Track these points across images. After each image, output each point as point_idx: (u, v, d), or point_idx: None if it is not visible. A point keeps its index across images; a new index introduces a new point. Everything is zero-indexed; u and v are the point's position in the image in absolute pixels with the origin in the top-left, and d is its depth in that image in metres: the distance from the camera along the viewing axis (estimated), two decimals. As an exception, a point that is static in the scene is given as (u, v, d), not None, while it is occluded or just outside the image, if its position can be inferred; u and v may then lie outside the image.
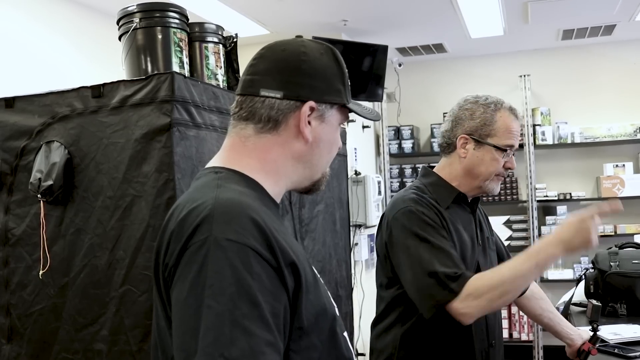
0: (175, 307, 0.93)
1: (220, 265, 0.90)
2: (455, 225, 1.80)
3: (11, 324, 2.05)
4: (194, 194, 1.03)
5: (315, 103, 1.10)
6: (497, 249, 2.04)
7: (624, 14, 4.82)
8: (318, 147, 1.13)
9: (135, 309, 1.86)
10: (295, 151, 1.11)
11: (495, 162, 1.81)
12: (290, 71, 1.10)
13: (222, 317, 0.87)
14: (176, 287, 0.94)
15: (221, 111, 2.10)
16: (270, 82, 1.09)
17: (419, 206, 1.75)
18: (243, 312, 0.88)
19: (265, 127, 1.09)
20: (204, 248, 0.91)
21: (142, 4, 2.09)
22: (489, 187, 1.84)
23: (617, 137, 5.58)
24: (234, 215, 0.95)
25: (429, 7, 4.50)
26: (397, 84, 5.83)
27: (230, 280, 0.89)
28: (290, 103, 1.09)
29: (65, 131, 1.99)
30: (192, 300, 0.90)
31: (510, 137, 1.82)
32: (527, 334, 5.64)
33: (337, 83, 1.14)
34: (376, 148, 6.03)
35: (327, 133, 1.13)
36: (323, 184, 1.20)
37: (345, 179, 3.30)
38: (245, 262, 0.91)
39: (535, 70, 5.80)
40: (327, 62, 1.13)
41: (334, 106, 1.14)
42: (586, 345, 2.03)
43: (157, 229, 1.83)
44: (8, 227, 2.07)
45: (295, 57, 1.11)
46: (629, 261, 2.77)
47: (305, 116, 1.09)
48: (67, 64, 3.85)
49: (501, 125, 1.82)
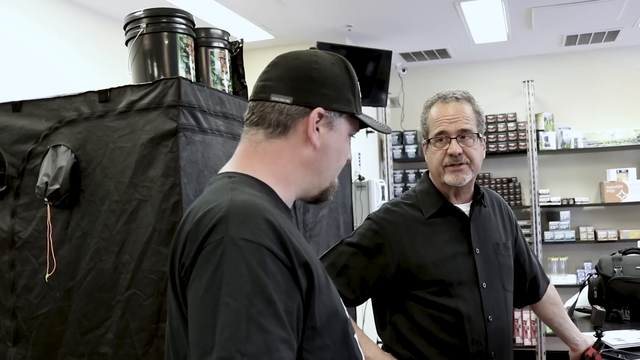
0: (192, 305, 0.95)
1: (236, 264, 0.92)
2: (431, 236, 1.79)
3: (17, 327, 2.06)
4: (209, 197, 1.06)
5: (324, 110, 1.12)
6: (519, 253, 1.98)
7: (628, 19, 4.83)
8: (326, 154, 1.15)
9: (140, 313, 1.86)
10: (304, 157, 1.13)
11: (433, 155, 1.81)
12: (301, 78, 1.13)
13: (239, 314, 0.89)
14: (192, 285, 0.96)
15: (227, 116, 2.11)
16: (282, 88, 1.12)
17: (376, 218, 1.84)
18: (258, 309, 0.90)
19: (274, 132, 1.12)
20: (220, 247, 0.94)
21: (149, 9, 2.10)
22: (447, 180, 1.79)
23: (621, 142, 5.59)
24: (249, 216, 0.97)
25: (433, 13, 4.51)
26: (400, 89, 5.84)
27: (246, 279, 0.91)
28: (299, 109, 1.11)
29: (72, 135, 2.00)
30: (209, 298, 0.92)
31: (436, 126, 1.79)
32: (531, 339, 5.63)
33: (347, 92, 1.16)
34: (380, 153, 6.04)
35: (335, 141, 1.16)
36: (331, 194, 1.21)
37: (349, 184, 3.30)
38: (260, 262, 0.93)
39: (539, 76, 5.80)
40: (337, 72, 1.16)
41: (343, 115, 1.16)
42: (590, 350, 2.03)
43: (162, 233, 1.84)
44: (15, 231, 2.08)
45: (307, 65, 1.14)
46: (633, 267, 2.77)
47: (313, 122, 1.12)
48: (74, 69, 3.87)
49: (430, 119, 1.83)
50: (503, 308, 1.83)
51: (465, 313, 1.74)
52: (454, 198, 1.85)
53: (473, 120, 1.80)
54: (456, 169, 1.77)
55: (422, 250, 1.77)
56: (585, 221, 5.80)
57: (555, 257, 5.73)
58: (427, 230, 1.80)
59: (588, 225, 5.70)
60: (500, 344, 1.81)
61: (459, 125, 1.77)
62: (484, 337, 1.76)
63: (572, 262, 5.73)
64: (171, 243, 1.10)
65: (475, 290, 1.77)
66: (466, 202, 1.86)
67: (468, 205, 1.86)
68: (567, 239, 5.66)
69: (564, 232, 5.67)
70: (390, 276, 1.77)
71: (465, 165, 1.78)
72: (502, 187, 5.84)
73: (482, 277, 1.79)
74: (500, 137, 5.85)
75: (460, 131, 1.77)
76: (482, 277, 1.79)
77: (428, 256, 1.76)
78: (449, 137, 1.77)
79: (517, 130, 5.83)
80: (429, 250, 1.78)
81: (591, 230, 5.65)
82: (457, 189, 1.83)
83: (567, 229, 5.68)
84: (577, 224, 5.78)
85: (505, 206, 2.00)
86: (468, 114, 1.79)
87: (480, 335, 1.76)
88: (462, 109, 1.79)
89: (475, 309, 1.76)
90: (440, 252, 1.77)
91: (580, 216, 5.82)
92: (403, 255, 1.77)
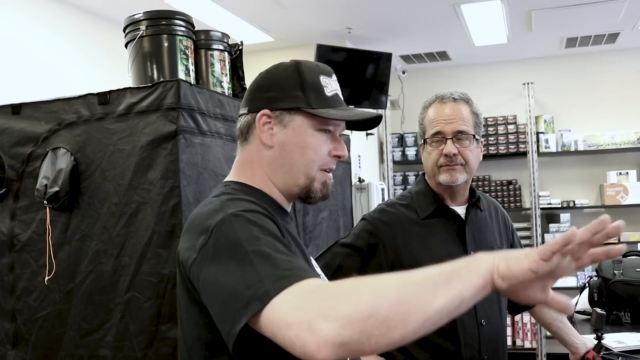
0: (221, 273, 1.00)
1: (244, 225, 1.03)
2: (426, 237, 1.78)
3: (16, 329, 2.05)
4: (203, 203, 1.19)
5: (269, 110, 1.22)
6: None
7: (628, 22, 4.83)
8: (284, 150, 1.22)
9: (140, 315, 1.86)
10: (268, 158, 1.23)
11: (429, 155, 1.81)
12: (252, 89, 1.27)
13: (267, 251, 0.98)
14: (213, 263, 1.02)
15: (226, 118, 2.11)
16: (244, 102, 1.28)
17: (371, 218, 1.85)
18: (279, 246, 1.01)
19: (242, 141, 1.27)
20: (225, 223, 1.04)
21: (149, 11, 2.10)
22: (441, 179, 1.79)
23: (621, 144, 5.59)
24: (241, 203, 1.11)
25: (433, 15, 4.51)
26: (400, 92, 5.84)
27: (257, 231, 1.03)
28: (253, 115, 1.24)
29: (71, 138, 2.00)
30: (236, 257, 0.99)
31: (433, 126, 1.79)
32: (531, 341, 5.63)
33: (294, 91, 1.22)
34: (380, 155, 6.04)
35: (292, 137, 1.22)
36: (320, 192, 1.25)
37: (349, 186, 3.30)
38: (261, 220, 1.06)
39: (539, 78, 5.80)
40: (286, 75, 1.24)
41: (292, 111, 1.22)
42: (590, 353, 2.03)
43: (162, 235, 1.84)
44: (14, 233, 2.08)
45: (260, 76, 1.27)
46: (633, 269, 2.77)
47: (259, 123, 1.22)
48: (74, 71, 3.87)
49: (427, 119, 1.83)
50: (497, 312, 1.82)
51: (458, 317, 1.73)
52: (449, 200, 1.84)
53: (470, 121, 1.79)
54: (450, 168, 1.77)
55: (416, 251, 1.76)
56: (586, 223, 5.70)
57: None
58: (422, 231, 1.80)
59: (588, 228, 5.69)
60: (493, 348, 1.80)
61: (456, 126, 1.76)
62: (477, 341, 1.75)
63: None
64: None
65: None
66: (462, 204, 1.86)
67: (464, 208, 1.85)
68: (568, 241, 5.64)
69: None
70: None
71: (459, 165, 1.77)
72: (502, 189, 5.84)
73: None
74: (501, 140, 5.85)
75: (457, 132, 1.76)
76: None
77: (422, 257, 1.74)
78: (445, 138, 1.77)
79: (517, 132, 5.82)
80: (424, 251, 1.76)
81: (591, 233, 5.63)
82: (452, 191, 1.82)
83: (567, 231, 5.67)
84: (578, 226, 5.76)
85: (502, 212, 2.00)
86: (465, 115, 1.78)
87: (474, 339, 1.75)
88: (459, 109, 1.79)
89: (468, 313, 1.73)
90: (434, 253, 1.75)
91: (580, 218, 5.82)
92: (397, 255, 1.77)
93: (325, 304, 0.87)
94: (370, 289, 0.88)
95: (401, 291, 0.87)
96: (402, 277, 0.90)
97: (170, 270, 1.81)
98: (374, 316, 0.84)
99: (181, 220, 1.81)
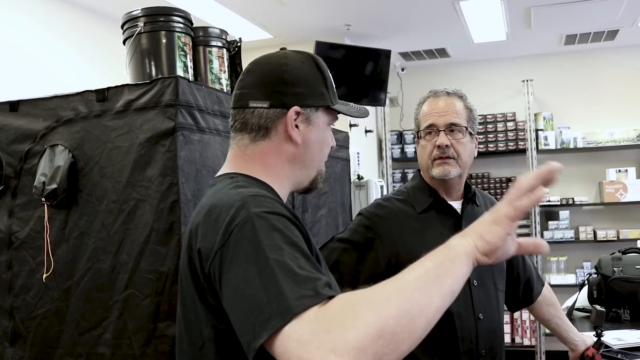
0: (239, 282, 0.96)
1: (267, 230, 0.99)
2: (422, 231, 1.78)
3: (14, 327, 2.05)
4: (217, 195, 1.12)
5: (300, 108, 1.20)
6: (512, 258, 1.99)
7: (627, 19, 4.82)
8: (309, 147, 1.23)
9: (138, 313, 1.86)
10: (289, 154, 1.22)
11: (423, 149, 1.81)
12: (274, 82, 1.21)
13: (290, 264, 0.94)
14: (233, 266, 0.98)
15: (225, 115, 2.10)
16: (258, 94, 1.21)
17: (367, 213, 1.85)
18: (302, 261, 0.96)
19: (258, 135, 1.21)
20: (248, 223, 1.00)
21: (147, 8, 2.10)
22: (434, 172, 1.79)
23: (620, 142, 5.59)
24: (263, 200, 1.06)
25: (432, 12, 4.51)
26: (399, 89, 5.84)
27: (280, 239, 0.98)
28: (277, 111, 1.20)
29: (69, 135, 1.99)
30: (257, 263, 0.95)
31: (427, 119, 1.81)
32: (530, 338, 5.63)
33: (320, 87, 1.23)
34: (379, 152, 6.03)
35: (315, 134, 1.23)
36: (320, 182, 1.29)
37: (348, 184, 3.30)
38: (285, 225, 1.01)
39: (538, 75, 5.80)
40: (308, 69, 1.23)
41: (319, 109, 1.23)
42: (590, 350, 2.02)
43: (160, 232, 1.83)
44: (12, 231, 2.07)
45: (278, 68, 1.21)
46: (632, 266, 2.77)
47: (291, 121, 1.20)
48: (71, 68, 3.86)
49: (421, 113, 1.85)
50: (494, 307, 1.82)
51: (455, 310, 1.72)
52: (445, 195, 1.84)
53: (463, 115, 1.80)
54: (443, 162, 1.78)
55: (413, 245, 1.75)
56: (585, 221, 5.80)
57: (555, 257, 5.72)
58: (418, 225, 1.80)
59: (587, 225, 5.70)
60: (491, 342, 1.80)
61: (448, 118, 1.78)
62: (475, 335, 1.75)
63: (572, 262, 5.73)
64: (184, 241, 1.14)
65: (466, 287, 1.74)
66: (457, 200, 1.86)
67: (459, 203, 1.86)
68: (567, 238, 5.66)
69: (563, 232, 5.67)
70: (382, 271, 1.76)
71: (452, 159, 1.78)
72: (502, 186, 5.84)
73: (473, 275, 1.76)
74: (500, 137, 5.85)
75: (449, 124, 1.77)
76: (473, 275, 1.76)
77: (419, 251, 1.73)
78: (438, 130, 1.78)
79: (516, 129, 5.82)
80: (420, 244, 1.74)
81: (590, 230, 5.65)
82: (447, 186, 1.82)
83: (566, 229, 5.68)
84: (577, 223, 5.78)
85: None
86: (458, 109, 1.80)
87: (471, 333, 1.75)
88: (452, 103, 1.81)
89: (465, 307, 1.74)
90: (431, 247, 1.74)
91: (579, 216, 5.82)
92: (394, 249, 1.77)
93: (333, 336, 0.84)
94: (371, 308, 0.87)
95: (401, 302, 0.88)
96: (395, 286, 0.91)
97: (169, 268, 1.80)
98: (383, 336, 0.84)
99: (179, 218, 1.80)
